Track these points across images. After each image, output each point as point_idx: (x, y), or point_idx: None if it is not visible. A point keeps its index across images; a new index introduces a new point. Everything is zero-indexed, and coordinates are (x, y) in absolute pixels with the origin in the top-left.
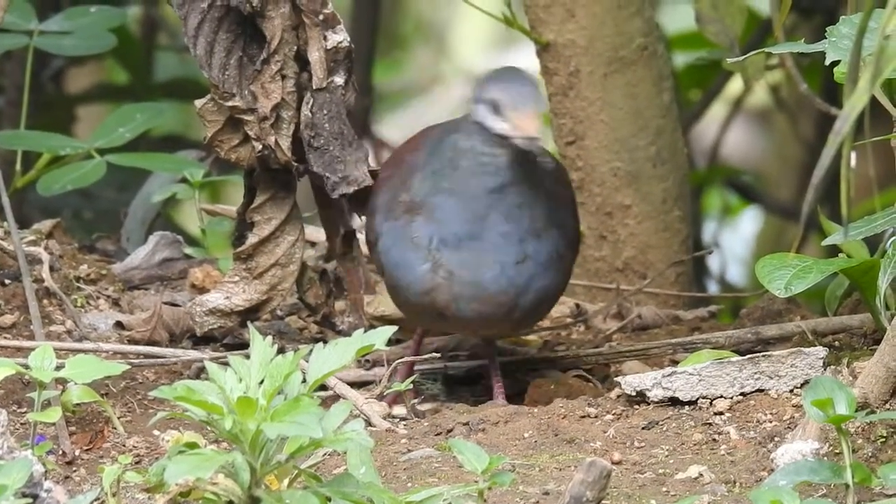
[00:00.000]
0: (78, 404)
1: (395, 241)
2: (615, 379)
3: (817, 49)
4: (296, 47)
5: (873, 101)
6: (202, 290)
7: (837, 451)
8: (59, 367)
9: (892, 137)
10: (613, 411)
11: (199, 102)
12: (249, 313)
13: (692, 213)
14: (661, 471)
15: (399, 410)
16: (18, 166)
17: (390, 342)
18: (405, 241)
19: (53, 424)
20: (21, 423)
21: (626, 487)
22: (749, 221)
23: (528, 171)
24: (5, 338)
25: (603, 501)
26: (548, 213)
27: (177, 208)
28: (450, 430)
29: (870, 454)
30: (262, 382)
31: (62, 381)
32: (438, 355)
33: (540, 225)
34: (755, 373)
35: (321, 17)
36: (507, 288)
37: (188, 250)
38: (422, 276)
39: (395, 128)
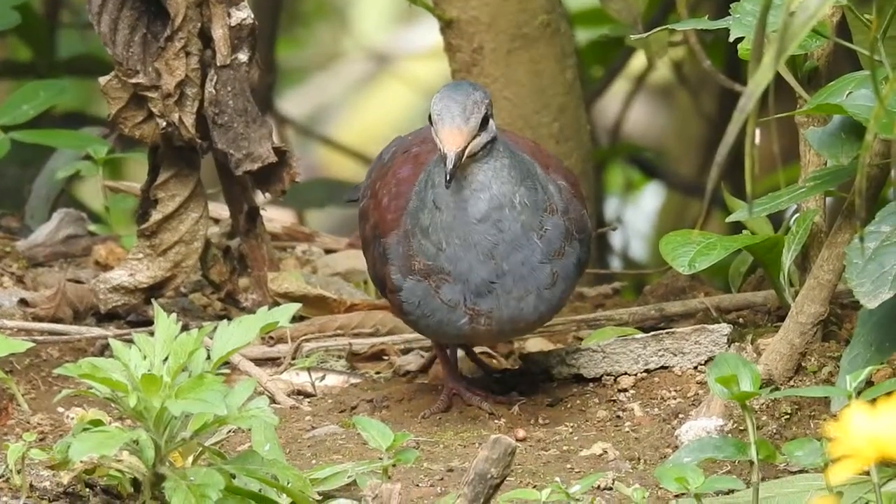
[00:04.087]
0: None
1: (424, 299)
2: (519, 356)
3: (721, 26)
4: (199, 24)
5: (777, 78)
6: (106, 268)
7: (742, 427)
8: None
9: (796, 114)
10: (518, 388)
11: (102, 79)
12: (153, 290)
13: (595, 190)
14: (565, 448)
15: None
16: None
17: (294, 319)
18: (436, 300)
19: None
20: None
21: (530, 465)
22: (651, 197)
23: (511, 191)
24: None
25: (507, 478)
26: (563, 228)
27: (80, 185)
28: (354, 407)
29: (774, 431)
30: (166, 360)
31: None
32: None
33: (558, 243)
34: (659, 350)
35: None
36: (545, 311)
37: (92, 227)
38: (462, 328)
39: (297, 104)
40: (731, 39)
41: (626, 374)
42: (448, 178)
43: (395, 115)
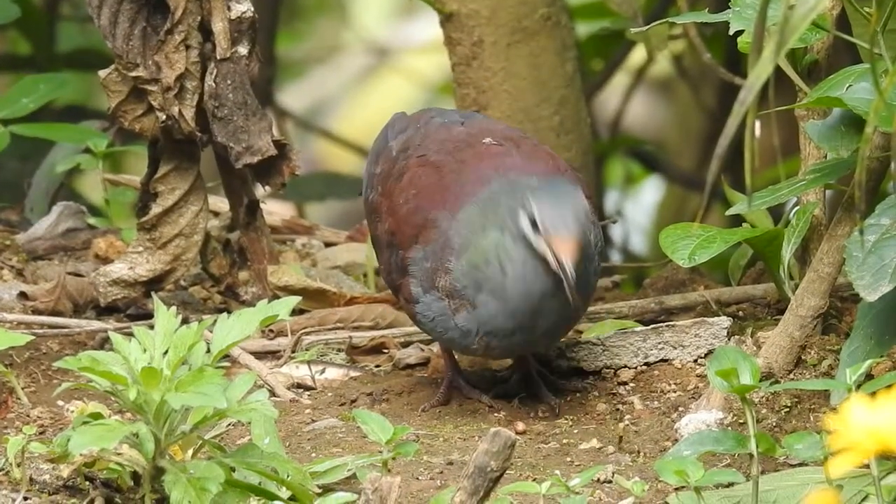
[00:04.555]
0: None
1: (440, 316)
2: None
3: (721, 19)
4: (199, 17)
5: (777, 71)
6: (106, 261)
7: (742, 421)
8: None
9: (796, 107)
10: (518, 381)
11: (102, 73)
12: (153, 283)
13: (595, 183)
14: (565, 441)
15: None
16: None
17: (294, 312)
18: (450, 321)
19: None
20: None
21: (530, 457)
22: (651, 191)
23: (581, 266)
24: None
25: (507, 471)
26: (596, 265)
27: (80, 179)
28: (354, 401)
29: (774, 424)
30: (166, 353)
31: None
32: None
33: (593, 287)
34: (659, 343)
35: None
36: (560, 334)
37: (92, 220)
38: (472, 350)
39: (297, 97)
40: (731, 33)
41: (625, 367)
42: (572, 295)
43: (394, 108)
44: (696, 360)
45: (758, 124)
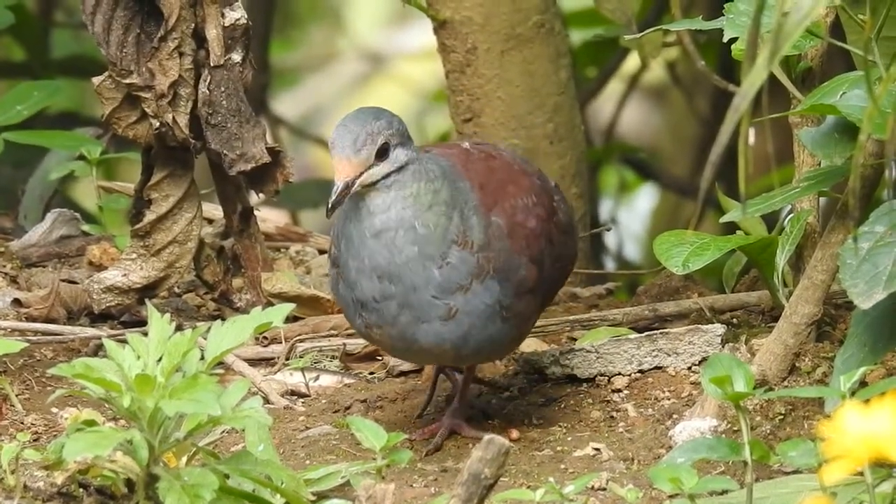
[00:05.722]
0: None
1: (335, 288)
2: (513, 356)
3: (715, 26)
4: (193, 24)
5: (771, 78)
6: (100, 268)
7: (736, 428)
8: None
9: (790, 114)
10: (511, 388)
11: (96, 80)
12: (147, 290)
13: (589, 191)
14: (559, 448)
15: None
16: None
17: (288, 319)
18: (338, 291)
19: None
20: None
21: (524, 465)
22: (645, 198)
23: (413, 215)
24: None
25: (501, 479)
26: (473, 264)
27: (74, 186)
28: (348, 408)
29: (768, 431)
30: (160, 360)
31: None
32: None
33: (462, 278)
34: (653, 350)
35: None
36: (441, 342)
37: (86, 227)
38: (359, 327)
39: (291, 104)
40: (725, 40)
41: (619, 374)
42: (330, 206)
43: None
44: (690, 368)
45: (752, 132)
